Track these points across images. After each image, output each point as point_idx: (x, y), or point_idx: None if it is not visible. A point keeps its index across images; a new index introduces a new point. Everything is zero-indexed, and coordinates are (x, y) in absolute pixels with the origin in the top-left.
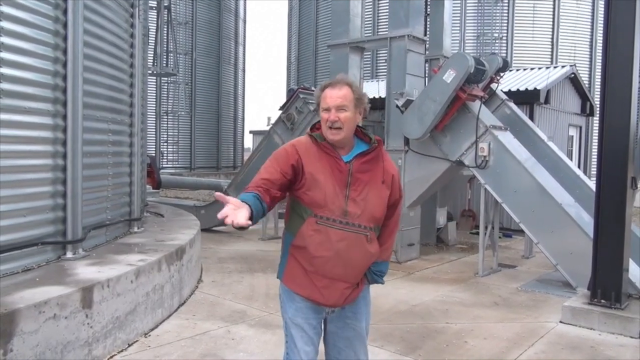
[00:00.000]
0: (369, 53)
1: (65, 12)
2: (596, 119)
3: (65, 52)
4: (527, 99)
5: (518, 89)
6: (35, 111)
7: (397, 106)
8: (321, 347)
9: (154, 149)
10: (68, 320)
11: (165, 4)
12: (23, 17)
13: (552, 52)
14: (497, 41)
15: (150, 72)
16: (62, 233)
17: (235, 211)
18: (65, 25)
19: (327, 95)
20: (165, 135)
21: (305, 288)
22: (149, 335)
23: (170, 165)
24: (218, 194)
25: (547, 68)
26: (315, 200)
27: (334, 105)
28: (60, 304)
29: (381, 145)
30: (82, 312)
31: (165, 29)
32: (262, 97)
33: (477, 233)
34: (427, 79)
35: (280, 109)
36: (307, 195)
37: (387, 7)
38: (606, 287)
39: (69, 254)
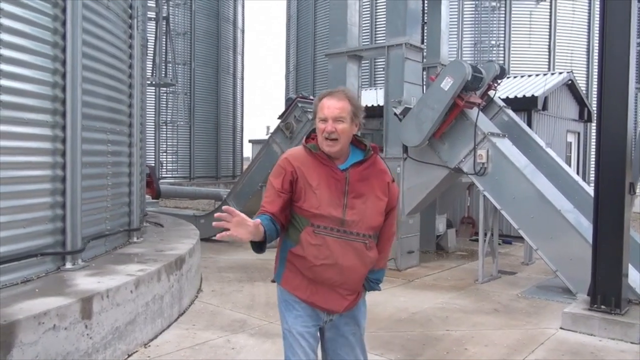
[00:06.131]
0: (367, 61)
1: (63, 23)
2: (594, 125)
3: (64, 63)
4: (525, 105)
5: (516, 96)
6: (35, 122)
7: (395, 114)
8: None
9: (153, 159)
10: (68, 331)
11: (164, 15)
12: (22, 29)
13: (549, 58)
14: (494, 48)
15: (149, 82)
16: (62, 244)
17: (238, 226)
18: (63, 37)
19: (325, 105)
20: (165, 145)
21: (304, 291)
22: (149, 346)
23: (170, 175)
24: (226, 207)
25: (545, 75)
26: (310, 210)
27: (331, 116)
28: (60, 314)
29: (377, 152)
30: (82, 322)
31: (164, 40)
32: (261, 106)
33: (477, 240)
34: (424, 86)
35: (279, 118)
36: (303, 205)
37: (385, 16)
38: (606, 293)
39: (69, 265)
